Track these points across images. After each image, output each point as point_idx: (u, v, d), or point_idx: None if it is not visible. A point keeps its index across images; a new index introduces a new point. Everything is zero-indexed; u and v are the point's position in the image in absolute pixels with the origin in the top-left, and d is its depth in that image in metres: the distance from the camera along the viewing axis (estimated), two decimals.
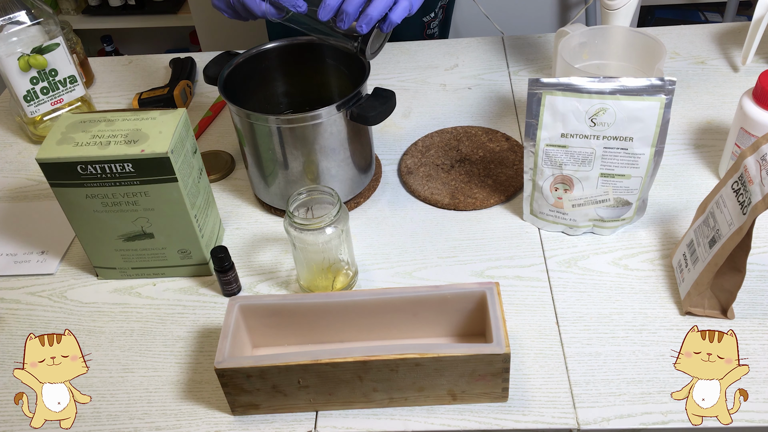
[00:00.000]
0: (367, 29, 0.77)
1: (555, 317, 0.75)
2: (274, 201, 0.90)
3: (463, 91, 1.12)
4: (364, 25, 0.77)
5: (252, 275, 0.83)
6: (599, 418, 0.65)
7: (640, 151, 0.76)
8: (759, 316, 0.73)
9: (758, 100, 0.81)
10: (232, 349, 0.65)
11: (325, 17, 0.76)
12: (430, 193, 0.91)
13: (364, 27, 0.77)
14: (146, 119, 0.75)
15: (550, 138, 0.78)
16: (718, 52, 1.14)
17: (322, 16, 0.76)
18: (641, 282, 0.78)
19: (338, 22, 0.77)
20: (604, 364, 0.70)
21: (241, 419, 0.68)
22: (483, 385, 0.65)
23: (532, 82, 0.76)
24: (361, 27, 0.77)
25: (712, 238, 0.70)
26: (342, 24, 0.77)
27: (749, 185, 0.66)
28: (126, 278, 0.84)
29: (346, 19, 0.76)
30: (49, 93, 1.04)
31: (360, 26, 0.77)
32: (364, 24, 0.77)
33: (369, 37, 0.80)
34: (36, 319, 0.80)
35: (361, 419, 0.67)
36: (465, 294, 0.68)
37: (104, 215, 0.77)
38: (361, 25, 0.77)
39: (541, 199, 0.83)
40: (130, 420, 0.69)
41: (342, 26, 0.77)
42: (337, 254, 0.76)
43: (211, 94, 1.16)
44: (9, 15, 0.98)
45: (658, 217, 0.85)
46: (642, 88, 0.73)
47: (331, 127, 0.82)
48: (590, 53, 0.96)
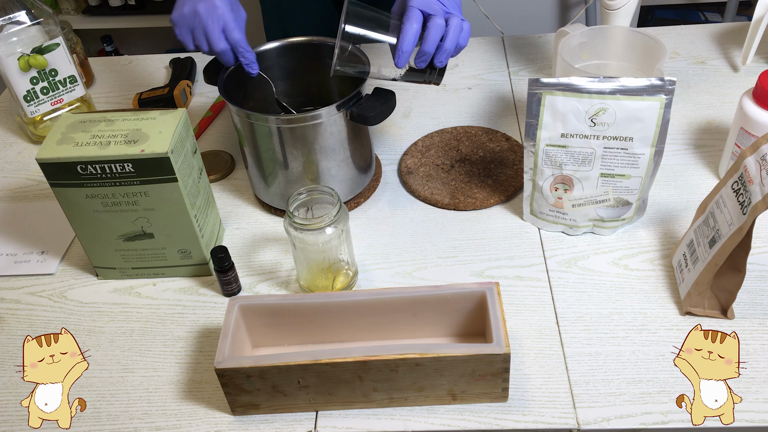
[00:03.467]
0: (446, 62, 0.78)
1: (555, 317, 0.75)
2: (274, 201, 0.90)
3: (463, 91, 1.12)
4: (443, 59, 0.78)
5: (252, 275, 0.83)
6: (599, 418, 0.65)
7: (640, 151, 0.76)
8: (759, 316, 0.72)
9: (758, 100, 0.81)
10: (232, 349, 0.65)
11: (402, 64, 0.76)
12: (430, 193, 0.91)
13: (444, 60, 0.78)
14: (146, 119, 0.75)
15: (550, 138, 0.78)
16: (718, 52, 1.14)
17: (399, 64, 0.76)
18: (641, 282, 0.78)
19: (418, 64, 0.78)
20: (604, 364, 0.70)
21: (241, 419, 0.68)
22: (483, 385, 0.65)
23: (532, 82, 0.76)
24: (441, 61, 0.78)
25: (712, 238, 0.70)
26: (422, 64, 0.78)
27: (749, 185, 0.66)
28: (126, 278, 0.84)
29: (427, 59, 0.77)
30: (49, 93, 1.04)
31: (440, 61, 0.78)
32: (443, 58, 0.78)
33: (445, 69, 0.80)
34: (36, 319, 0.80)
35: (361, 419, 0.67)
36: (465, 294, 0.68)
37: (104, 215, 0.77)
38: (440, 60, 0.78)
39: (541, 199, 0.83)
40: (130, 420, 0.69)
41: (421, 66, 0.78)
42: (337, 254, 0.76)
43: (211, 94, 1.16)
44: (9, 15, 0.98)
45: (658, 217, 0.85)
46: (642, 88, 0.73)
47: (331, 127, 0.82)
48: (590, 53, 0.96)
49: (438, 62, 0.78)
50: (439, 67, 0.79)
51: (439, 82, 0.82)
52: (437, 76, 0.81)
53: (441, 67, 0.79)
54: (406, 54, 0.76)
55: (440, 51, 0.77)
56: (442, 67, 0.79)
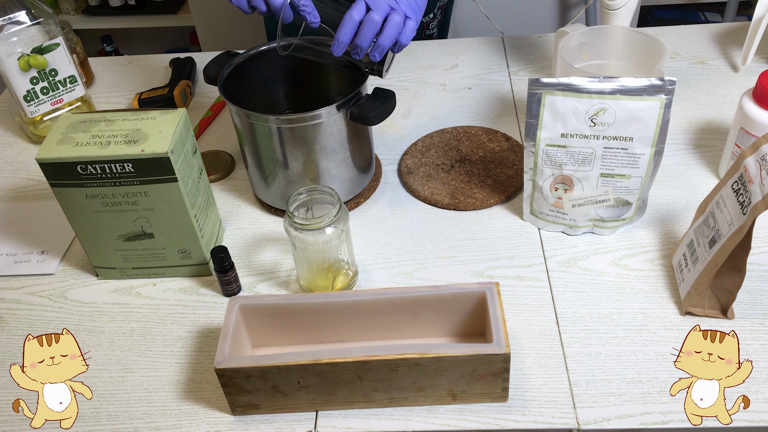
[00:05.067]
0: (380, 57, 0.79)
1: (555, 317, 0.75)
2: (274, 201, 0.90)
3: (463, 91, 1.12)
4: (377, 54, 0.79)
5: (252, 275, 0.83)
6: (599, 418, 0.65)
7: (640, 151, 0.76)
8: (759, 316, 0.73)
9: (758, 100, 0.81)
10: (232, 349, 0.65)
11: (339, 53, 0.78)
12: (430, 193, 0.91)
13: (377, 56, 0.79)
14: (146, 119, 0.75)
15: (550, 138, 0.78)
16: (718, 52, 1.14)
17: (336, 52, 0.78)
18: (641, 282, 0.78)
19: (353, 55, 0.79)
20: (604, 364, 0.70)
21: (241, 419, 0.68)
22: (483, 385, 0.65)
23: (532, 82, 0.76)
24: (374, 56, 0.79)
25: (712, 238, 0.70)
26: (357, 56, 0.79)
27: (749, 185, 0.66)
28: (126, 278, 0.84)
29: (360, 52, 0.78)
30: (49, 93, 1.04)
31: (373, 56, 0.79)
32: (377, 53, 0.79)
33: (384, 63, 0.81)
34: (36, 319, 0.80)
35: (361, 419, 0.67)
36: (465, 294, 0.68)
37: (104, 215, 0.77)
38: (374, 54, 0.79)
39: (541, 199, 0.83)
40: (130, 420, 0.69)
41: (357, 58, 0.79)
42: (337, 254, 0.76)
43: (211, 94, 1.16)
44: (9, 15, 0.98)
45: (658, 217, 0.85)
46: (642, 88, 0.73)
47: (331, 127, 0.82)
48: (590, 53, 0.96)
49: (372, 56, 0.79)
50: (375, 61, 0.80)
51: (382, 75, 0.83)
52: (377, 68, 0.82)
53: (376, 61, 0.80)
54: (342, 44, 0.77)
55: (375, 46, 0.78)
56: (377, 61, 0.80)
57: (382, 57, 0.79)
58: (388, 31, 0.77)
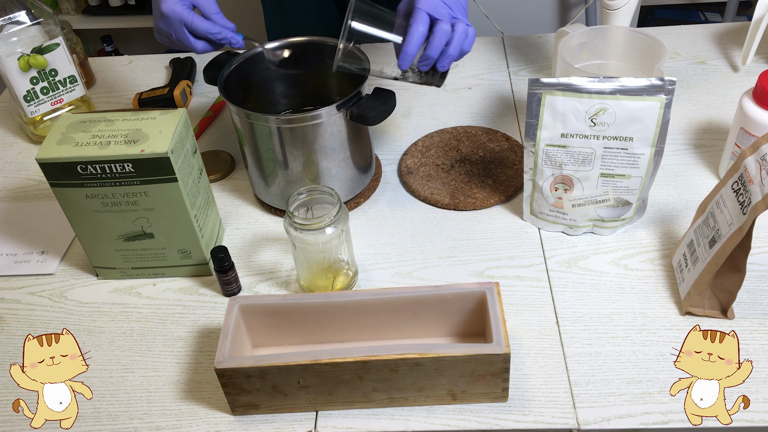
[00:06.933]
0: (448, 66, 0.79)
1: (555, 317, 0.75)
2: (274, 201, 0.90)
3: (463, 91, 1.12)
4: (446, 64, 0.78)
5: (252, 275, 0.83)
6: (599, 418, 0.65)
7: (640, 151, 0.76)
8: (759, 316, 0.73)
9: (758, 100, 0.81)
10: (232, 349, 0.65)
11: (406, 66, 0.77)
12: (430, 193, 0.91)
13: (446, 66, 0.78)
14: (146, 119, 0.75)
15: (550, 138, 0.78)
16: (718, 52, 1.14)
17: (403, 66, 0.77)
18: (641, 282, 0.78)
19: (420, 67, 0.78)
20: (604, 364, 0.70)
21: (241, 419, 0.68)
22: (483, 385, 0.65)
23: (532, 82, 0.76)
24: (443, 67, 0.78)
25: (712, 238, 0.70)
26: (424, 67, 0.78)
27: (749, 185, 0.66)
28: (126, 278, 0.84)
29: (429, 63, 0.78)
30: (49, 93, 1.04)
31: (442, 66, 0.78)
32: (446, 63, 0.78)
33: (447, 72, 0.81)
34: (36, 319, 0.80)
35: (361, 419, 0.67)
36: (465, 294, 0.68)
37: (104, 215, 0.77)
38: (443, 65, 0.78)
39: (541, 199, 0.83)
40: (130, 420, 0.69)
41: (425, 69, 0.78)
42: (337, 254, 0.76)
43: (211, 94, 1.16)
44: (9, 15, 0.98)
45: (658, 217, 0.85)
46: (642, 88, 0.73)
47: (331, 127, 0.82)
48: (590, 53, 0.96)
49: (440, 67, 0.78)
50: (442, 71, 0.80)
51: (441, 85, 0.83)
52: (439, 79, 0.82)
53: (443, 71, 0.80)
54: (410, 56, 0.76)
55: (444, 56, 0.77)
56: (444, 71, 0.80)
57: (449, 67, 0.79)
58: (457, 40, 0.77)
